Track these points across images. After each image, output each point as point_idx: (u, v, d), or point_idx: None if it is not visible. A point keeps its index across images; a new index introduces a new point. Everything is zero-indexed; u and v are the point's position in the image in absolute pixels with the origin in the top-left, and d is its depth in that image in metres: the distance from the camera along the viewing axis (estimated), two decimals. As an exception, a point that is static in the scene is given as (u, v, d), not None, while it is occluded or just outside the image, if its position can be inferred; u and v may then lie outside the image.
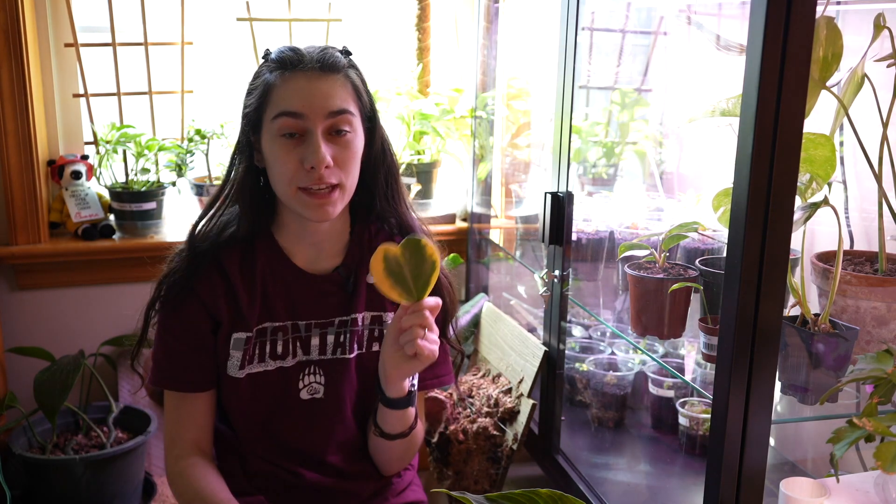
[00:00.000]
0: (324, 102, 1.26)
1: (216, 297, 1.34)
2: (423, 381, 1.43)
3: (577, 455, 1.80)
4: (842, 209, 1.52)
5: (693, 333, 1.53)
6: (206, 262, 1.34)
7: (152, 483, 2.19)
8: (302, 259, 1.38)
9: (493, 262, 2.46)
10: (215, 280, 1.34)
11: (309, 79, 1.27)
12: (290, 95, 1.26)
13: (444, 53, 2.52)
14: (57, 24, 2.22)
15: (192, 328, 1.34)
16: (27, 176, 2.14)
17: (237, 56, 2.41)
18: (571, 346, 2.00)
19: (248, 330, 1.34)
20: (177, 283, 1.34)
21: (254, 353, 1.35)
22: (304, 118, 1.25)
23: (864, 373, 1.09)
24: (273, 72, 1.29)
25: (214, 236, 1.35)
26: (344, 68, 1.30)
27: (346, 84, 1.29)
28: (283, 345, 1.36)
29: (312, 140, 1.25)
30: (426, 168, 2.44)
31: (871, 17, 1.22)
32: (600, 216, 1.93)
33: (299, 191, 1.27)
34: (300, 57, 1.28)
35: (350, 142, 1.29)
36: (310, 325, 1.37)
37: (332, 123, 1.27)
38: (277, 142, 1.27)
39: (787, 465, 1.64)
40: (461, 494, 0.91)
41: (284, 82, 1.27)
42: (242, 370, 1.35)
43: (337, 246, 1.40)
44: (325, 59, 1.28)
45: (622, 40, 2.21)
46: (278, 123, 1.26)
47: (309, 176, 1.26)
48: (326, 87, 1.27)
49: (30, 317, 2.24)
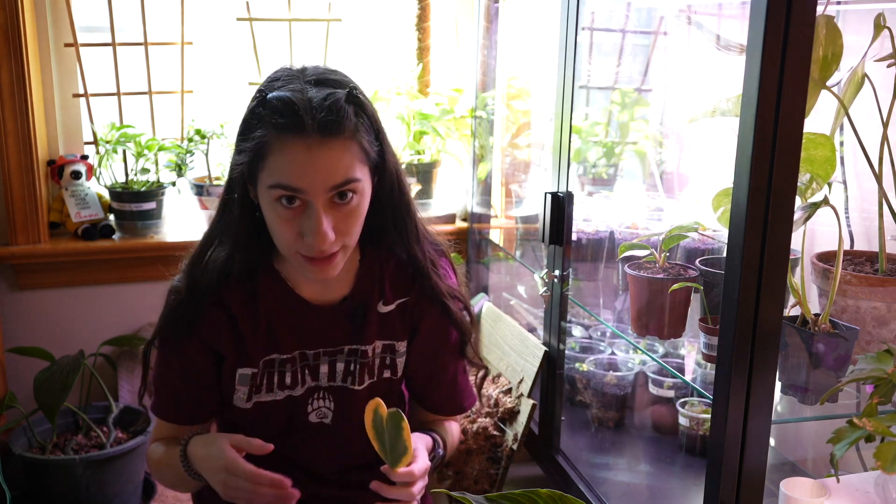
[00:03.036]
0: (325, 178, 1.13)
1: (219, 333, 1.29)
2: (458, 404, 1.45)
3: (577, 455, 1.80)
4: (842, 209, 1.52)
5: (693, 333, 1.53)
6: (205, 300, 1.28)
7: (152, 483, 2.19)
8: (308, 291, 1.31)
9: (493, 262, 2.46)
10: (217, 316, 1.28)
11: (309, 148, 1.11)
12: (287, 168, 1.13)
13: (444, 53, 2.52)
14: (57, 23, 2.22)
15: (191, 365, 1.31)
16: (27, 176, 2.14)
17: (237, 56, 2.41)
18: (571, 346, 2.00)
19: (254, 366, 1.30)
20: (178, 325, 1.28)
21: (261, 384, 1.31)
22: (304, 193, 1.13)
23: (864, 373, 1.09)
24: (268, 129, 1.14)
25: (212, 273, 1.27)
26: (350, 129, 1.14)
27: (351, 147, 1.15)
28: (292, 375, 1.32)
29: (312, 215, 1.14)
30: (426, 168, 2.44)
31: (871, 17, 1.21)
32: (600, 216, 1.93)
33: (298, 254, 1.20)
34: (300, 120, 1.11)
35: (355, 207, 1.18)
36: (318, 353, 1.32)
37: (335, 193, 1.16)
38: (274, 207, 1.16)
39: (787, 465, 1.64)
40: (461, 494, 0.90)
41: (282, 149, 1.13)
42: (250, 401, 1.32)
43: (345, 275, 1.31)
44: (327, 122, 1.11)
45: (622, 40, 2.21)
46: (274, 193, 1.14)
47: (309, 247, 1.16)
48: (329, 158, 1.12)
49: (30, 317, 2.24)
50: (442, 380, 1.42)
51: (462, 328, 1.37)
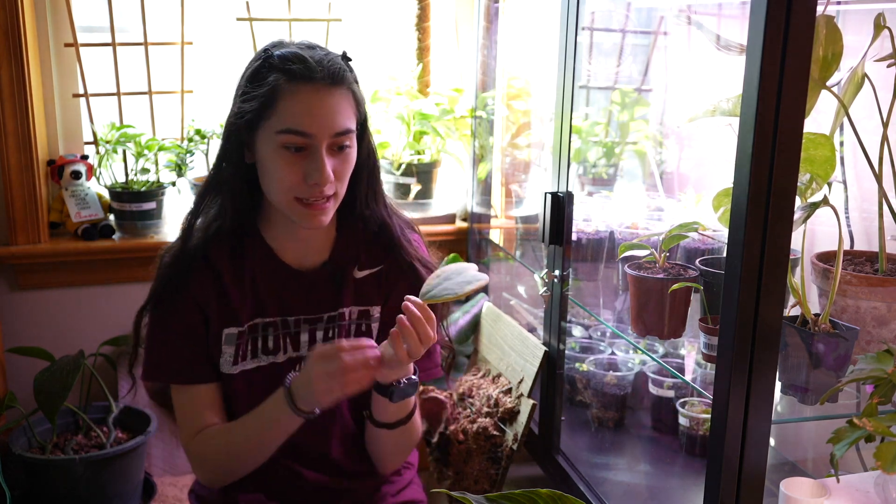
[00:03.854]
0: (332, 122, 1.25)
1: (206, 291, 1.35)
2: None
3: (577, 455, 1.80)
4: (842, 209, 1.52)
5: (693, 333, 1.53)
6: (197, 259, 1.35)
7: (152, 483, 2.19)
8: (290, 255, 1.39)
9: (493, 262, 2.46)
10: (206, 276, 1.35)
11: (318, 93, 1.24)
12: (299, 112, 1.24)
13: (444, 53, 2.52)
14: (57, 24, 2.22)
15: (184, 321, 1.35)
16: (27, 176, 2.14)
17: (237, 56, 2.41)
18: (571, 346, 2.00)
19: (240, 325, 1.35)
20: (171, 284, 1.35)
21: (246, 348, 1.36)
22: (312, 137, 1.25)
23: (864, 373, 1.09)
24: (279, 78, 1.25)
25: (201, 231, 1.36)
26: (349, 81, 1.29)
27: (349, 97, 1.28)
28: (275, 340, 1.38)
29: (317, 157, 1.25)
30: (426, 168, 2.44)
31: (871, 17, 1.21)
32: (600, 216, 1.93)
33: (295, 200, 1.28)
34: (309, 68, 1.24)
35: (349, 155, 1.31)
36: (299, 320, 1.38)
37: (336, 141, 1.27)
38: (279, 153, 1.26)
39: (787, 465, 1.64)
40: (461, 494, 0.91)
41: (293, 95, 1.24)
42: (236, 366, 1.36)
43: (324, 242, 1.41)
44: (333, 72, 1.26)
45: (622, 40, 2.21)
46: (283, 138, 1.25)
47: (310, 190, 1.26)
48: (334, 103, 1.26)
49: (30, 317, 2.24)
50: None
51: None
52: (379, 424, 1.37)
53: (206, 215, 1.37)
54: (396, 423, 1.37)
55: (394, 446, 1.42)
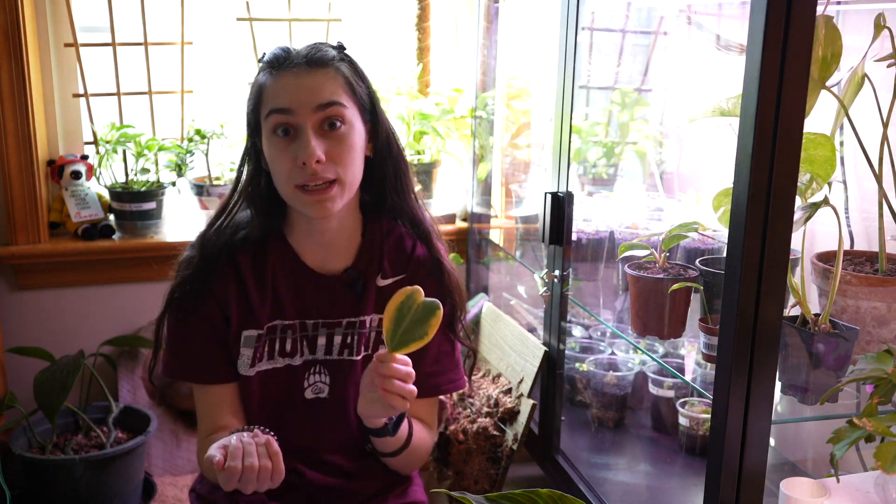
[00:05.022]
0: (311, 97, 1.27)
1: (228, 294, 1.35)
2: (436, 386, 1.43)
3: (577, 455, 1.80)
4: (842, 209, 1.52)
5: (693, 333, 1.53)
6: (219, 263, 1.35)
7: (152, 483, 2.19)
8: (312, 259, 1.39)
9: (493, 262, 2.45)
10: (228, 277, 1.36)
11: (297, 75, 1.28)
12: (278, 92, 1.28)
13: (444, 53, 2.52)
14: (57, 24, 2.22)
15: (206, 321, 1.36)
16: (27, 176, 2.14)
17: (237, 56, 2.41)
18: (571, 346, 2.00)
19: (259, 327, 1.36)
20: (192, 289, 1.35)
21: (264, 350, 1.36)
22: (293, 113, 1.26)
23: (864, 373, 1.09)
24: (264, 73, 1.31)
25: (228, 237, 1.37)
26: (333, 62, 1.31)
27: (335, 77, 1.30)
28: (293, 343, 1.37)
29: (303, 135, 1.26)
30: (426, 168, 2.44)
31: (871, 17, 1.21)
32: (600, 216, 1.93)
33: (297, 189, 1.28)
34: (288, 55, 1.30)
35: (344, 135, 1.29)
36: (317, 324, 1.38)
37: (323, 117, 1.27)
38: (272, 140, 1.29)
39: (787, 465, 1.64)
40: (461, 494, 0.91)
41: (274, 81, 1.29)
42: (253, 368, 1.36)
43: (348, 246, 1.40)
44: (312, 55, 1.29)
45: (622, 40, 2.21)
46: (270, 121, 1.28)
47: (303, 172, 1.26)
48: (313, 81, 1.28)
49: (30, 317, 2.24)
50: (425, 353, 1.37)
51: (455, 298, 1.40)
52: (384, 455, 1.39)
53: (231, 222, 1.38)
54: (400, 449, 1.38)
55: (400, 465, 1.44)
